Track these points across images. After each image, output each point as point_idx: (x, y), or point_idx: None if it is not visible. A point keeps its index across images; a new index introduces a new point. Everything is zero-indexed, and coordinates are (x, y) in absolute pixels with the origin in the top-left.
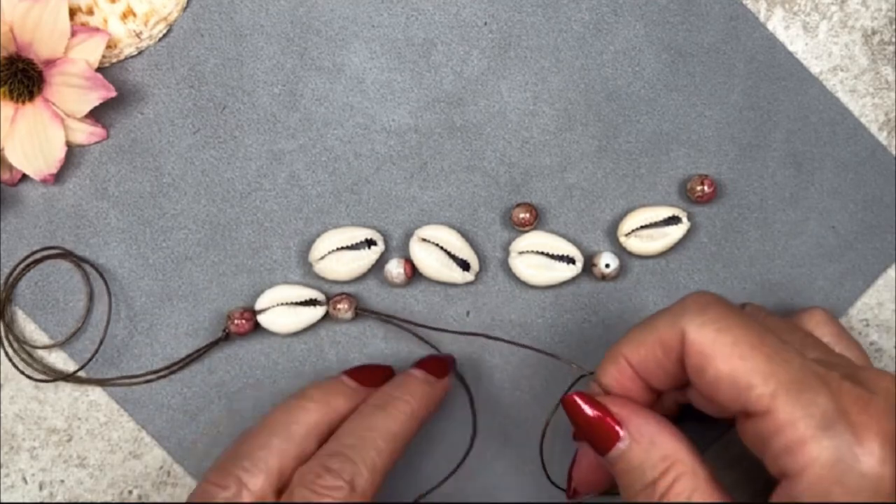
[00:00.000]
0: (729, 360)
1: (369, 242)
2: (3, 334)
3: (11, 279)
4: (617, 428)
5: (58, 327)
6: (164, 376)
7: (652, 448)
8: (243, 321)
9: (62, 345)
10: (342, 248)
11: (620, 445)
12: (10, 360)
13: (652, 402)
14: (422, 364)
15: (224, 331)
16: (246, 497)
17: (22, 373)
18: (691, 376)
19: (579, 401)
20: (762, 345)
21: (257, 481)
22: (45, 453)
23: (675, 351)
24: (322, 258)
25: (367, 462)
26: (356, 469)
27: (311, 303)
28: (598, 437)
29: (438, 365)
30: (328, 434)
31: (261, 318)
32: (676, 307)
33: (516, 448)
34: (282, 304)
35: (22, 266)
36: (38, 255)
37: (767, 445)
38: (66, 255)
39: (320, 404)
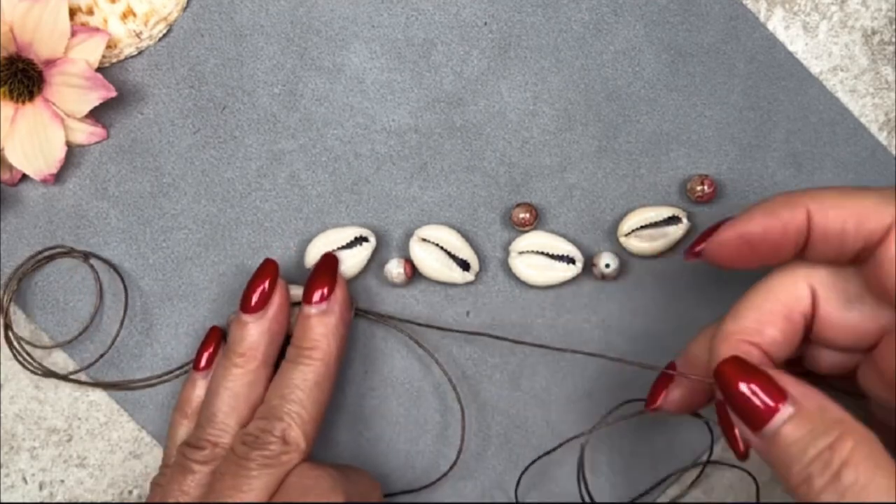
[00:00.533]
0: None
1: (360, 239)
2: (2, 333)
3: (20, 275)
4: (783, 393)
5: (57, 327)
6: (166, 380)
7: (824, 413)
8: None
9: (65, 345)
10: (334, 249)
11: (783, 413)
12: (16, 357)
13: None
14: (308, 294)
15: (224, 337)
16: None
17: (34, 372)
18: (886, 269)
19: (737, 368)
20: None
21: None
22: (45, 453)
23: (872, 233)
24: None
25: (293, 416)
26: (283, 424)
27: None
28: (757, 407)
29: (324, 279)
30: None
31: None
32: (884, 190)
33: (516, 448)
34: None
35: (32, 263)
36: (48, 253)
37: None
38: (85, 255)
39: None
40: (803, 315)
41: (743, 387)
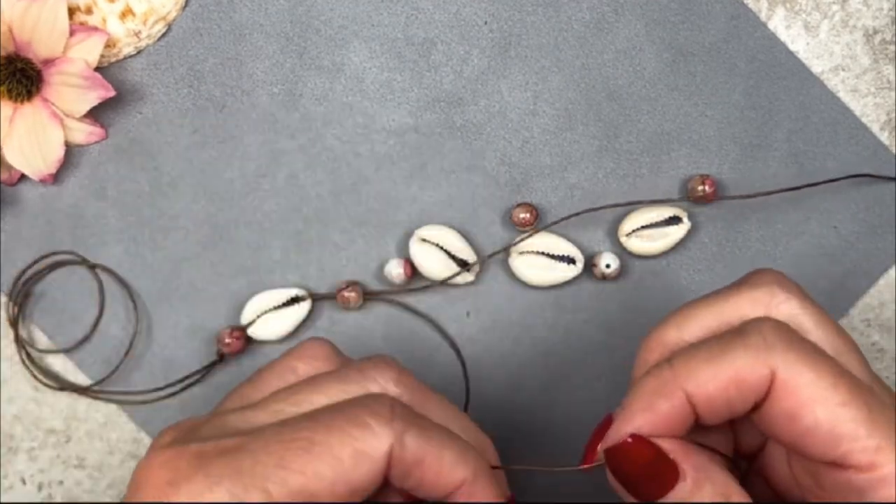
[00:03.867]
0: (830, 407)
1: (295, 300)
2: (2, 338)
3: (28, 285)
4: (678, 468)
5: (56, 328)
6: (166, 396)
7: (708, 485)
8: (234, 339)
9: (70, 350)
10: (269, 310)
11: (681, 487)
12: (24, 362)
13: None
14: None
15: (218, 354)
16: None
17: (49, 387)
18: (773, 422)
19: (635, 445)
20: (857, 389)
21: None
22: (43, 454)
23: (754, 392)
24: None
25: None
26: None
27: (294, 301)
28: (655, 481)
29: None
30: None
31: (251, 332)
32: (754, 337)
33: (516, 448)
34: (266, 311)
35: (39, 270)
36: (55, 259)
37: (863, 496)
38: (92, 265)
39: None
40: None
41: (646, 460)
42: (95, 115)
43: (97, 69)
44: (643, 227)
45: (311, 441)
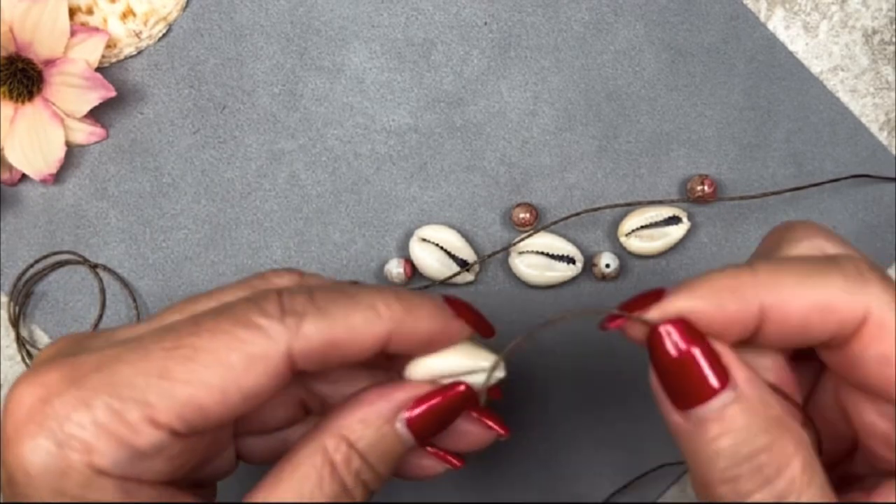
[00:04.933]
0: None
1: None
2: (2, 340)
3: (29, 285)
4: (725, 372)
5: (56, 328)
6: None
7: (766, 407)
8: None
9: None
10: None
11: (723, 397)
12: (25, 362)
13: None
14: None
15: None
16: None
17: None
18: (860, 364)
19: (673, 330)
20: None
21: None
22: None
23: (839, 325)
24: None
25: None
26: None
27: None
28: (692, 382)
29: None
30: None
31: None
32: (850, 269)
33: (514, 447)
34: None
35: (40, 270)
36: (56, 259)
37: None
38: (93, 265)
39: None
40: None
41: (682, 356)
42: (96, 115)
43: (98, 69)
44: (643, 227)
45: (194, 348)
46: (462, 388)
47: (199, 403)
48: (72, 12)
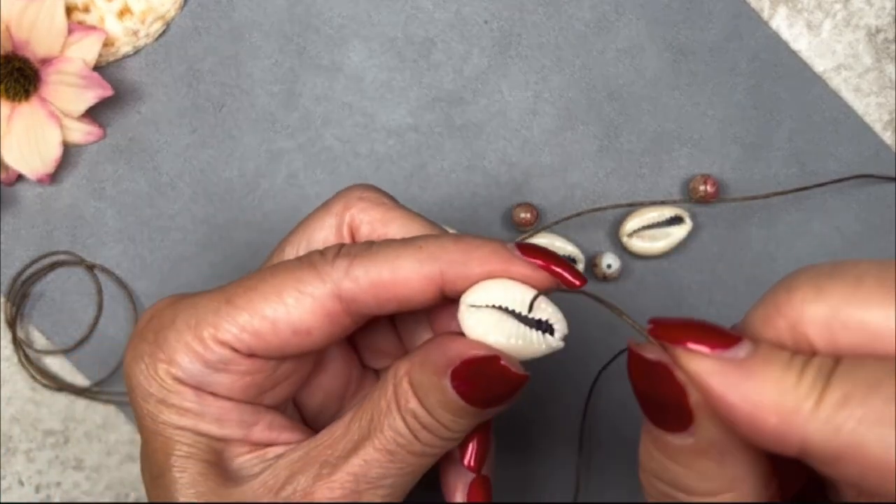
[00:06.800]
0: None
1: None
2: (2, 342)
3: (26, 286)
4: (689, 418)
5: (53, 328)
6: None
7: (723, 462)
8: None
9: (69, 351)
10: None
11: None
12: (22, 363)
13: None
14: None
15: None
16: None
17: (47, 387)
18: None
19: (659, 370)
20: None
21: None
22: (41, 456)
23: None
24: None
25: None
26: None
27: None
28: (670, 411)
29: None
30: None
31: None
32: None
33: (513, 446)
34: None
35: (36, 270)
36: (53, 260)
37: None
38: (89, 266)
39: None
40: None
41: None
42: (93, 114)
43: (95, 68)
44: (645, 228)
45: (260, 280)
46: (502, 363)
47: (255, 329)
48: (69, 11)
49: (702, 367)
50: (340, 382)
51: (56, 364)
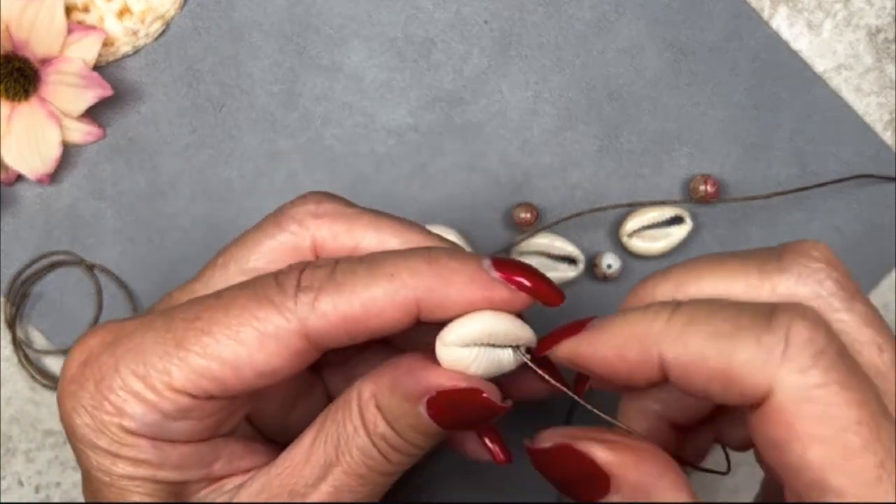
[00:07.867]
0: (828, 449)
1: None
2: (2, 342)
3: (26, 286)
4: (609, 480)
5: (54, 329)
6: None
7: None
8: None
9: (66, 351)
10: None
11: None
12: (22, 362)
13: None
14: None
15: None
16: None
17: (43, 384)
18: (763, 446)
19: (562, 453)
20: (877, 431)
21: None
22: (41, 456)
23: (736, 393)
24: None
25: None
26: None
27: None
28: (582, 486)
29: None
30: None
31: None
32: (769, 345)
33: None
34: None
35: (36, 270)
36: (52, 260)
37: None
38: (90, 266)
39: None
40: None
41: (565, 471)
42: (93, 114)
43: (95, 68)
44: (645, 228)
45: (211, 321)
46: (484, 396)
47: (214, 375)
48: (68, 10)
49: (570, 347)
50: (292, 387)
51: (56, 364)
